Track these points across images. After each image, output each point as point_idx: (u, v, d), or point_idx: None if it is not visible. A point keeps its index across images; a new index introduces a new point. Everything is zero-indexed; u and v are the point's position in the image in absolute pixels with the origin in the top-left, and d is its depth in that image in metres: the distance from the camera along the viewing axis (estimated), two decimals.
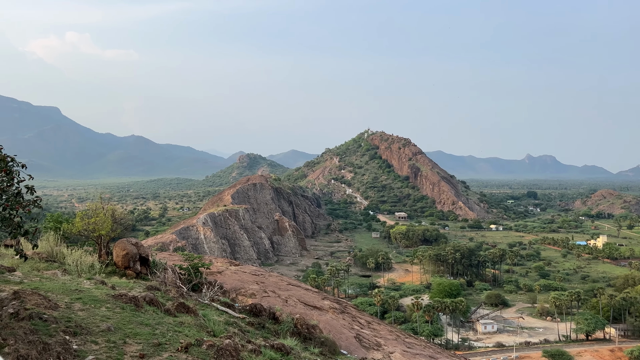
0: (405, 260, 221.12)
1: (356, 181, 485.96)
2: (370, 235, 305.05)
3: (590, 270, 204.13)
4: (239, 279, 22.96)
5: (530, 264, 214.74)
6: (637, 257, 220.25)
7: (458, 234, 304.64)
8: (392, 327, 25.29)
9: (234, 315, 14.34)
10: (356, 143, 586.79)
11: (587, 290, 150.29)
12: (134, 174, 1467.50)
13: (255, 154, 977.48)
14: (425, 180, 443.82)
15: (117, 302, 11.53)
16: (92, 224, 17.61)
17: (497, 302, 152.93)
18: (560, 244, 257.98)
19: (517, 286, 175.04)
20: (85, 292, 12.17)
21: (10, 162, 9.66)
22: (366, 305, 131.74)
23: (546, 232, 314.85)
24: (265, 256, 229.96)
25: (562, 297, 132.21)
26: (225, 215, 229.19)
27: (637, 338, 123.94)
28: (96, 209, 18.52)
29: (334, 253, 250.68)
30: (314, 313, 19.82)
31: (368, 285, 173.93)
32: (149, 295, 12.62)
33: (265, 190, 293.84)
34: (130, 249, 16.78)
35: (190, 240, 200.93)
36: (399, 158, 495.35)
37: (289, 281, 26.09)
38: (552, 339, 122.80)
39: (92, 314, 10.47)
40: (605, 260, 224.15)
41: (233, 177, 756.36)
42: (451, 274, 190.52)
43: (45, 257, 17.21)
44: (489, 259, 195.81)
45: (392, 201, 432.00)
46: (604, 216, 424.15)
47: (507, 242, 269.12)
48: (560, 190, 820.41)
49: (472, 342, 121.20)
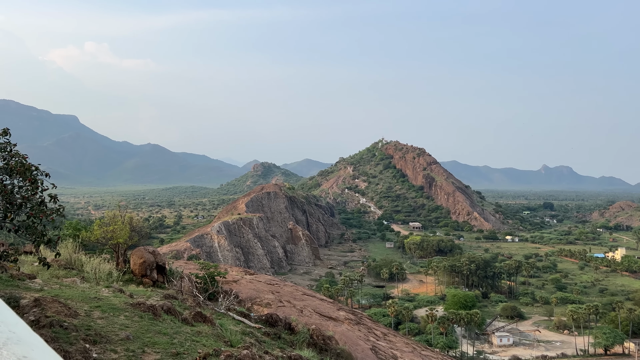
0: (419, 271, 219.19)
1: (370, 190, 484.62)
2: (384, 245, 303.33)
3: (609, 283, 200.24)
4: (255, 288, 22.95)
5: (546, 276, 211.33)
6: None
7: (473, 245, 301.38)
8: (408, 339, 25.02)
9: (250, 325, 14.31)
10: (370, 152, 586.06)
11: (605, 304, 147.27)
12: (150, 182, 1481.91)
13: (269, 163, 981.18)
14: (440, 191, 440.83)
15: (135, 311, 11.58)
16: (110, 232, 17.78)
17: (512, 315, 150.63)
18: (578, 256, 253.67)
19: (533, 298, 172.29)
20: (104, 300, 12.25)
21: (35, 171, 9.81)
22: (380, 316, 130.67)
23: (563, 243, 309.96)
24: (279, 265, 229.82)
25: (579, 310, 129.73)
26: (239, 223, 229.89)
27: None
28: (114, 216, 18.70)
29: (348, 263, 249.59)
30: (329, 324, 19.70)
31: (382, 296, 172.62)
32: (166, 304, 12.66)
33: (279, 199, 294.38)
34: (147, 257, 16.88)
35: (204, 248, 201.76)
36: (413, 168, 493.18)
37: (304, 291, 26.00)
38: (570, 353, 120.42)
39: (111, 322, 10.52)
40: (623, 273, 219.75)
41: (247, 186, 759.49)
42: (466, 285, 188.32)
43: (64, 264, 17.40)
44: (504, 270, 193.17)
45: (407, 211, 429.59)
46: (622, 228, 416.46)
47: (523, 254, 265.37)
48: (577, 201, 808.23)
49: (488, 355, 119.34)
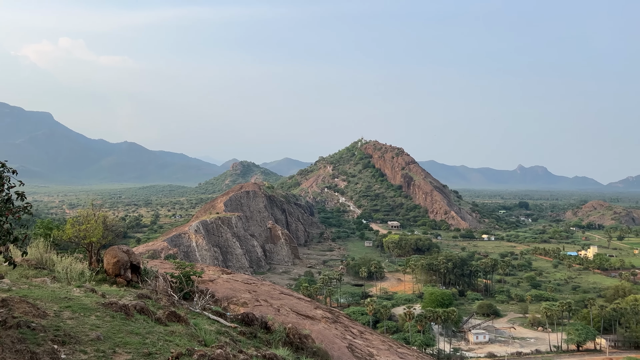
0: (397, 269, 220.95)
1: (349, 190, 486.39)
2: (363, 244, 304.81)
3: (581, 280, 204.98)
4: (231, 287, 22.79)
5: (521, 274, 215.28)
6: (627, 268, 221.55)
7: (450, 244, 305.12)
8: (385, 337, 25.18)
9: (225, 324, 14.20)
10: (350, 152, 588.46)
11: (578, 301, 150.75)
12: (126, 181, 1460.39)
13: (248, 162, 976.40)
14: (418, 190, 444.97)
15: (107, 311, 11.38)
16: (83, 231, 17.43)
17: (488, 312, 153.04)
18: (552, 255, 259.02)
19: (508, 296, 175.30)
20: (74, 300, 12.01)
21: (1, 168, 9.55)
22: (358, 315, 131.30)
23: (537, 242, 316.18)
24: (258, 264, 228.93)
25: (553, 307, 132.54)
26: (217, 222, 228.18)
27: (627, 349, 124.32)
28: (87, 215, 18.35)
29: (327, 262, 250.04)
30: (306, 322, 19.69)
31: (360, 295, 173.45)
32: (139, 303, 12.47)
33: (258, 198, 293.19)
34: (121, 257, 16.61)
35: (182, 247, 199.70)
36: (392, 167, 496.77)
37: (281, 290, 25.93)
38: (544, 350, 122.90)
39: (81, 322, 10.32)
40: (595, 271, 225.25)
41: (226, 185, 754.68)
42: (443, 283, 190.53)
43: (35, 264, 17.00)
44: (480, 268, 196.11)
45: (385, 210, 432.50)
46: (594, 227, 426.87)
47: (498, 252, 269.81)
48: (551, 201, 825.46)
49: (464, 352, 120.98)
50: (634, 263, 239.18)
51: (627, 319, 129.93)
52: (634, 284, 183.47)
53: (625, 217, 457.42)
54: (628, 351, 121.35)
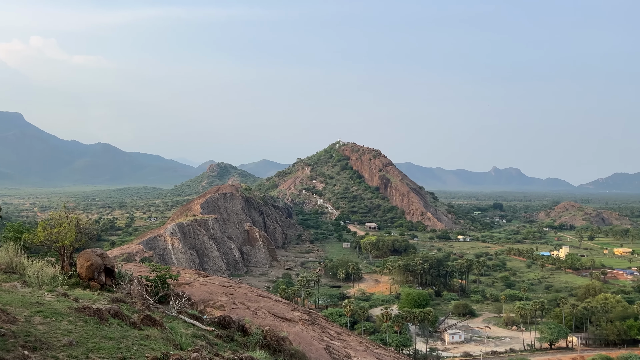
0: (375, 270, 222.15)
1: (327, 191, 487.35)
2: (340, 245, 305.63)
3: (554, 280, 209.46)
4: (208, 290, 22.60)
5: (496, 274, 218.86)
6: (598, 268, 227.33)
7: (427, 245, 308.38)
8: (362, 338, 25.30)
9: (201, 327, 14.08)
10: (328, 154, 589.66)
11: (550, 300, 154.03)
12: (101, 183, 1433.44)
13: (225, 164, 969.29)
14: (395, 191, 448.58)
15: (79, 315, 11.16)
16: (55, 234, 17.06)
17: (464, 312, 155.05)
18: (525, 255, 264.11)
19: (483, 296, 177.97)
20: (46, 304, 11.74)
21: None
22: (336, 316, 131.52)
23: (511, 242, 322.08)
24: (235, 267, 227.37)
25: (526, 306, 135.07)
26: (194, 225, 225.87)
27: (597, 346, 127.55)
28: (59, 218, 17.97)
29: (305, 263, 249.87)
30: (283, 325, 19.66)
31: (338, 296, 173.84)
32: (113, 307, 12.27)
33: (236, 200, 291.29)
34: (94, 260, 16.31)
35: (157, 250, 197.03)
36: (369, 169, 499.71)
37: (258, 292, 25.83)
38: (518, 348, 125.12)
39: (53, 327, 10.10)
40: (567, 270, 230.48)
41: (203, 187, 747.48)
42: (420, 284, 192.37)
43: (4, 268, 16.56)
44: (456, 269, 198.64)
45: (363, 212, 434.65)
46: (566, 227, 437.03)
47: (474, 253, 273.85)
48: (525, 202, 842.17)
49: (440, 352, 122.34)
50: (604, 263, 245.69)
51: (598, 317, 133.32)
52: (604, 283, 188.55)
53: (596, 217, 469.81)
54: (598, 349, 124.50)
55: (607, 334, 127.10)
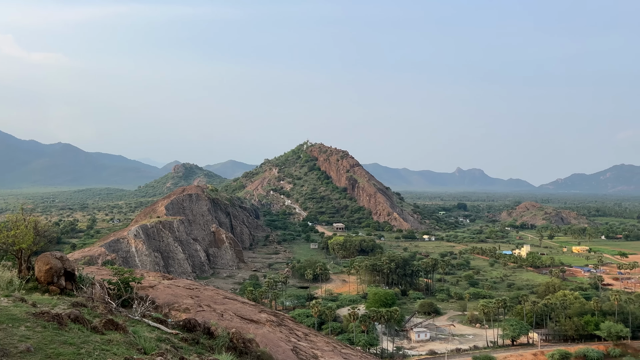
0: (342, 270, 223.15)
1: (295, 192, 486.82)
2: (308, 246, 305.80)
3: (516, 278, 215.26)
4: (172, 293, 22.24)
5: (460, 273, 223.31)
6: (557, 266, 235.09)
7: (393, 244, 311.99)
8: (329, 339, 25.40)
9: (166, 331, 13.85)
10: (295, 154, 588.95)
11: (512, 298, 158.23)
12: (60, 184, 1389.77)
13: (191, 164, 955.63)
14: (362, 192, 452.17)
15: (38, 321, 10.81)
16: (12, 237, 16.47)
17: (429, 311, 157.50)
18: (488, 254, 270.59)
19: (448, 295, 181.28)
20: (2, 310, 11.33)
21: None
22: (304, 317, 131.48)
23: (475, 242, 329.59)
24: (201, 269, 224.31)
25: (489, 304, 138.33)
26: (158, 227, 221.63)
27: (557, 342, 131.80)
28: (17, 220, 17.37)
29: (272, 265, 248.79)
30: (250, 327, 19.53)
31: (306, 297, 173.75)
32: (74, 312, 11.93)
33: (202, 201, 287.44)
34: (54, 263, 15.82)
35: (120, 253, 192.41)
36: (337, 170, 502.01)
37: (225, 295, 25.58)
38: (481, 345, 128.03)
39: (9, 334, 9.76)
40: (528, 268, 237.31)
41: (167, 188, 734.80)
42: (386, 283, 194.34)
43: None
44: (422, 268, 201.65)
45: (331, 212, 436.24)
46: (527, 227, 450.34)
47: (439, 252, 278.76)
48: (488, 202, 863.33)
49: (407, 350, 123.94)
50: (563, 260, 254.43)
51: (557, 313, 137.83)
52: (563, 281, 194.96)
53: (555, 217, 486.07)
54: (558, 344, 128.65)
55: (565, 330, 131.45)
